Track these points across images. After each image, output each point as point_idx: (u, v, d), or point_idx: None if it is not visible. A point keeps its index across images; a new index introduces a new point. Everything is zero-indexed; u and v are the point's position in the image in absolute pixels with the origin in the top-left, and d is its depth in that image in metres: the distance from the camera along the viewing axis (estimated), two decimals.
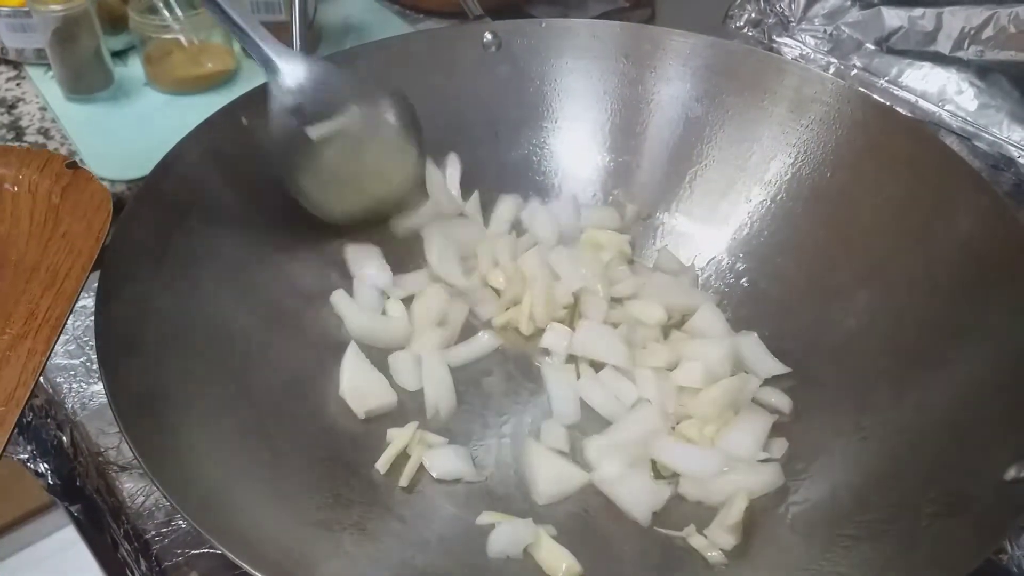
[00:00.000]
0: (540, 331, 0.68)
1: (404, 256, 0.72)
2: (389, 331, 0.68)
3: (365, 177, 0.70)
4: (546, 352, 0.67)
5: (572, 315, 0.70)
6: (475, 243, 0.73)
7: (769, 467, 0.59)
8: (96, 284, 0.53)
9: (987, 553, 0.45)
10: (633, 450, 0.60)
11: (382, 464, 0.59)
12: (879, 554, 0.50)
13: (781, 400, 0.63)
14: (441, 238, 0.72)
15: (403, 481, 0.58)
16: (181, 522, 0.57)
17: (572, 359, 0.67)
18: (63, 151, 0.85)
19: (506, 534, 0.55)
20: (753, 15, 1.01)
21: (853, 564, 0.50)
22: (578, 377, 0.66)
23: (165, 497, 0.45)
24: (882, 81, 0.93)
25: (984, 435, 0.51)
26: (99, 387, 0.66)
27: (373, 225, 0.72)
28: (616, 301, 0.70)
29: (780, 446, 0.60)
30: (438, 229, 0.73)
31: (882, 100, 0.76)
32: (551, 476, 0.59)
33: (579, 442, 0.61)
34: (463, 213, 0.76)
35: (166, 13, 0.90)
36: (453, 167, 0.76)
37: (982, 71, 0.87)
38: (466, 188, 0.76)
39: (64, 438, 0.65)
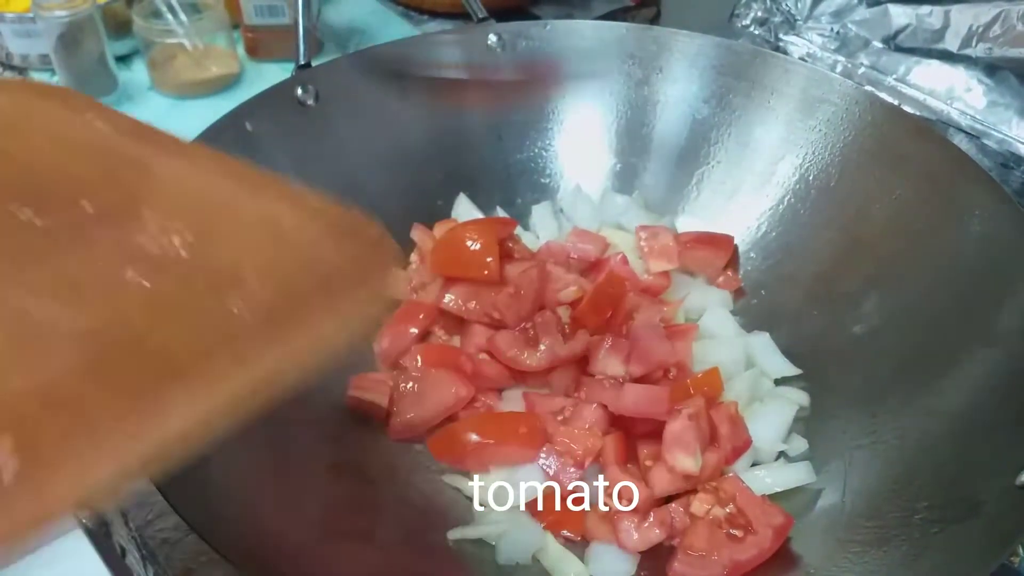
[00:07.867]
0: None
1: None
2: None
3: None
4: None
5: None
6: None
7: (799, 464, 0.58)
8: None
9: (1000, 558, 0.45)
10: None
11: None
12: (890, 559, 0.49)
13: (798, 396, 0.63)
14: None
15: None
16: (188, 529, 0.57)
17: None
18: None
19: (514, 540, 0.55)
20: (759, 13, 1.00)
21: (864, 570, 0.49)
22: None
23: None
24: (890, 79, 0.92)
25: (995, 439, 0.51)
26: None
27: None
28: None
29: (799, 444, 0.60)
30: None
31: (890, 99, 0.75)
32: None
33: None
34: None
35: (170, 17, 0.91)
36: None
37: (990, 69, 0.87)
38: (471, 191, 0.76)
39: None
